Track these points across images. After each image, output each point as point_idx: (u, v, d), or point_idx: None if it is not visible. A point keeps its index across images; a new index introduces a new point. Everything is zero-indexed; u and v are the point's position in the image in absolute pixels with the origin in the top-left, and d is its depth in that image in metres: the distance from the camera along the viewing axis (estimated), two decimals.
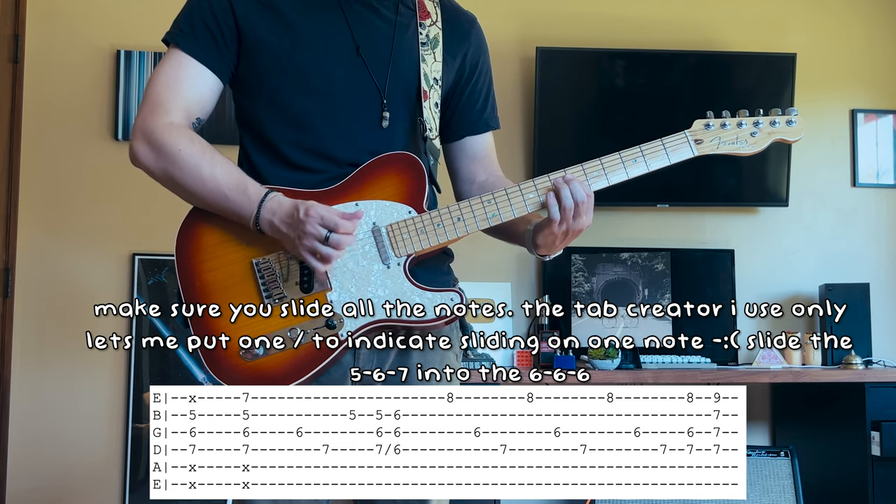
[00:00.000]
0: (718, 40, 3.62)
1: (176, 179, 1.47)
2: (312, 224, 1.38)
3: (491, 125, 1.72)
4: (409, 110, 1.58)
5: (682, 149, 1.51)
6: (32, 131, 3.28)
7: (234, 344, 1.43)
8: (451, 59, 1.64)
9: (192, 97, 1.51)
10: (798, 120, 1.53)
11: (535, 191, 1.49)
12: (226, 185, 1.44)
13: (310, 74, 1.51)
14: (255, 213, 1.42)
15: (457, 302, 1.46)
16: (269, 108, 1.54)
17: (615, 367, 3.02)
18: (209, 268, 1.48)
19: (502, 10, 3.54)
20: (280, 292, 1.45)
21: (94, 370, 3.23)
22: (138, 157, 1.49)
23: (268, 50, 1.51)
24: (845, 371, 3.11)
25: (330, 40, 1.53)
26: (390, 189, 1.50)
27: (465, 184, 1.70)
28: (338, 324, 1.44)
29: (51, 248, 3.26)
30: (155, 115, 1.48)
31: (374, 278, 1.46)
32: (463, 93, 1.68)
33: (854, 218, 3.68)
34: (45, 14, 3.31)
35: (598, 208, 1.50)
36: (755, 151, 1.52)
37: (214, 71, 1.52)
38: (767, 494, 3.06)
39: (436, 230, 1.48)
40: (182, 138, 1.46)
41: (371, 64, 1.54)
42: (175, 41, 1.53)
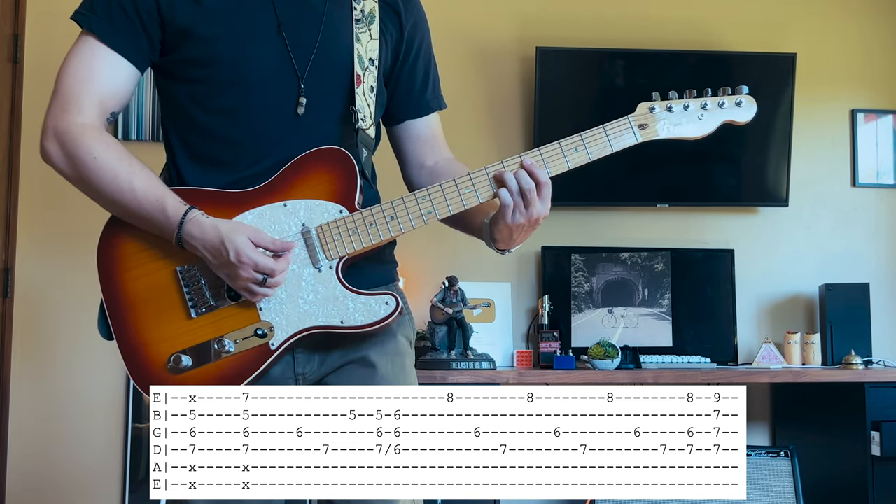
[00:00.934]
0: (718, 40, 3.62)
1: (92, 187, 1.39)
2: (247, 270, 1.33)
3: (433, 107, 1.62)
4: (342, 97, 1.47)
5: (626, 135, 1.42)
6: (32, 131, 3.28)
7: (161, 356, 1.39)
8: (389, 36, 1.53)
9: (107, 90, 1.41)
10: (747, 99, 1.46)
11: (471, 185, 1.41)
12: (144, 200, 1.37)
13: (229, 60, 1.41)
14: (176, 234, 1.36)
15: (392, 306, 1.39)
16: (186, 97, 1.45)
17: (615, 367, 3.02)
18: (132, 277, 1.41)
19: (502, 10, 3.54)
20: (206, 301, 1.40)
21: (94, 370, 3.23)
22: (50, 158, 1.40)
23: (190, 38, 1.41)
24: (845, 371, 3.11)
25: (253, 19, 1.43)
26: (320, 187, 1.41)
27: (414, 168, 1.62)
28: (268, 332, 1.38)
29: (50, 249, 3.26)
30: (68, 112, 1.39)
31: (304, 283, 1.40)
32: (402, 72, 1.57)
33: (854, 218, 3.68)
34: (45, 14, 3.31)
35: (598, 208, 1.49)
36: (703, 134, 1.45)
37: (132, 61, 1.42)
38: (767, 494, 3.06)
39: (368, 230, 1.40)
40: (97, 143, 1.38)
41: (293, 44, 1.43)
42: (89, 27, 1.42)
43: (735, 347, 3.45)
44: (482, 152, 3.42)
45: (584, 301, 3.41)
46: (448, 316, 2.98)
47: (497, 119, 3.49)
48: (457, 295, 3.00)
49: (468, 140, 3.41)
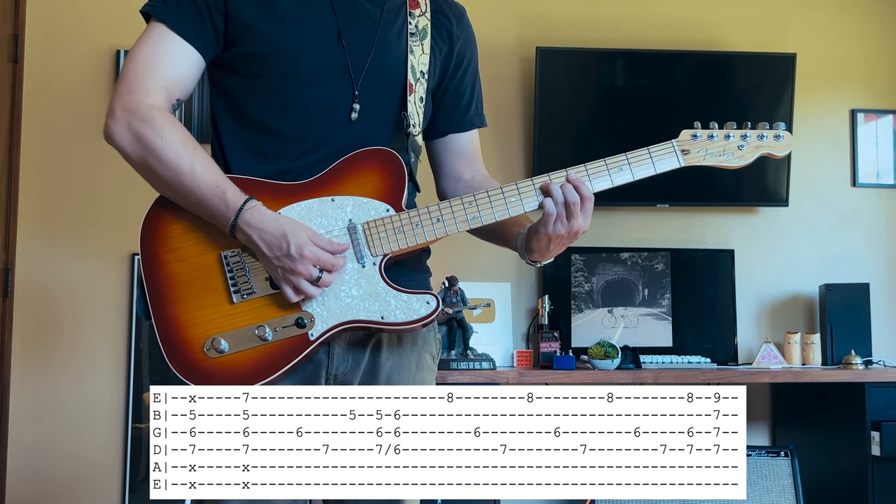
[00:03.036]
0: (718, 40, 3.63)
1: (152, 167, 1.39)
2: (306, 265, 1.35)
3: (476, 123, 1.67)
4: (392, 104, 1.51)
5: (669, 158, 1.47)
6: (32, 131, 3.29)
7: (199, 339, 1.39)
8: (438, 52, 1.58)
9: (174, 76, 1.42)
10: (785, 135, 1.50)
11: (517, 194, 1.44)
12: (204, 184, 1.37)
13: (290, 61, 1.44)
14: (232, 221, 1.37)
15: (433, 305, 1.41)
16: (241, 91, 1.47)
17: (615, 367, 3.02)
18: (175, 258, 1.41)
19: (502, 10, 3.54)
20: (249, 287, 1.40)
21: (94, 370, 3.23)
22: (114, 137, 1.40)
23: (252, 32, 1.44)
24: (845, 371, 3.11)
25: (315, 26, 1.47)
26: (368, 185, 1.44)
27: (450, 181, 1.65)
28: (308, 323, 1.39)
29: (51, 248, 3.26)
30: (135, 93, 1.39)
31: (347, 277, 1.41)
32: (448, 88, 1.62)
33: (854, 218, 3.68)
34: (44, 14, 3.32)
35: (597, 208, 1.49)
36: (742, 165, 1.50)
37: (199, 49, 1.44)
38: (767, 494, 3.06)
39: (414, 230, 1.43)
40: (165, 124, 1.38)
41: (351, 52, 1.47)
42: (159, 15, 1.43)
43: (735, 347, 3.45)
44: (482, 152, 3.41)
45: (584, 301, 3.41)
46: (448, 316, 2.98)
47: (497, 119, 3.49)
48: (457, 295, 3.00)
49: None
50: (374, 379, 1.48)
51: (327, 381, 1.46)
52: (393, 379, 1.49)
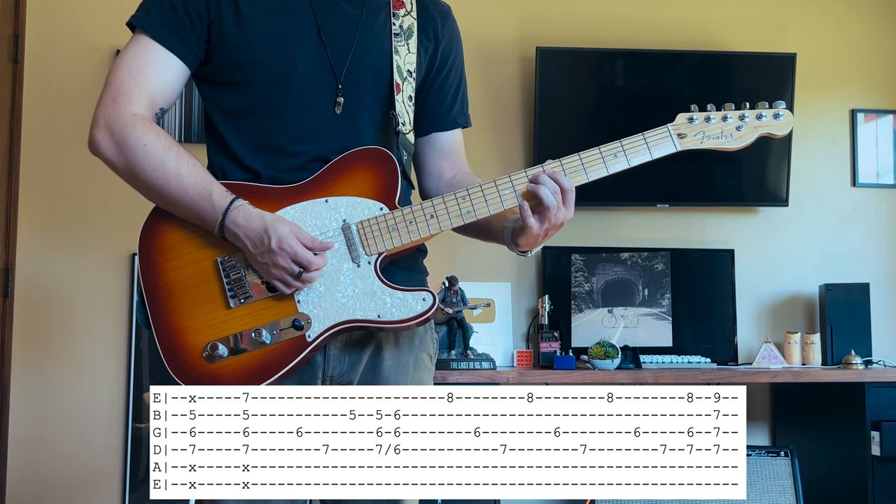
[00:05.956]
0: (719, 40, 3.63)
1: (138, 175, 1.41)
2: (285, 259, 1.36)
3: (460, 123, 1.67)
4: (380, 103, 1.52)
5: (665, 143, 1.45)
6: (32, 131, 3.29)
7: (198, 345, 1.40)
8: (423, 51, 1.59)
9: (157, 86, 1.44)
10: (785, 113, 1.47)
11: (510, 187, 1.45)
12: (190, 187, 1.39)
13: (270, 61, 1.46)
14: (220, 221, 1.38)
15: (429, 302, 1.41)
16: (229, 100, 1.49)
17: (615, 367, 3.02)
18: (172, 266, 1.43)
19: (502, 10, 3.54)
20: (245, 291, 1.41)
21: (94, 370, 3.23)
22: (98, 148, 1.43)
23: (231, 39, 1.46)
24: (845, 371, 3.11)
25: (294, 24, 1.48)
26: (362, 185, 1.45)
27: (433, 180, 1.65)
28: (305, 324, 1.40)
29: (51, 248, 3.26)
30: (118, 104, 1.41)
31: (343, 277, 1.42)
32: (433, 86, 1.62)
33: (854, 218, 3.68)
34: (45, 14, 3.32)
35: (598, 208, 1.49)
36: (741, 146, 1.47)
37: (182, 59, 1.46)
38: (767, 494, 3.06)
39: (408, 228, 1.43)
40: (147, 132, 1.40)
41: (331, 47, 1.48)
42: (141, 25, 1.46)
43: (735, 347, 3.45)
44: (482, 152, 3.42)
45: (584, 301, 3.41)
46: (448, 316, 2.98)
47: (497, 119, 3.49)
48: (457, 295, 3.00)
49: (468, 140, 3.37)
50: (373, 379, 1.49)
51: (324, 382, 1.47)
52: (391, 379, 1.49)
